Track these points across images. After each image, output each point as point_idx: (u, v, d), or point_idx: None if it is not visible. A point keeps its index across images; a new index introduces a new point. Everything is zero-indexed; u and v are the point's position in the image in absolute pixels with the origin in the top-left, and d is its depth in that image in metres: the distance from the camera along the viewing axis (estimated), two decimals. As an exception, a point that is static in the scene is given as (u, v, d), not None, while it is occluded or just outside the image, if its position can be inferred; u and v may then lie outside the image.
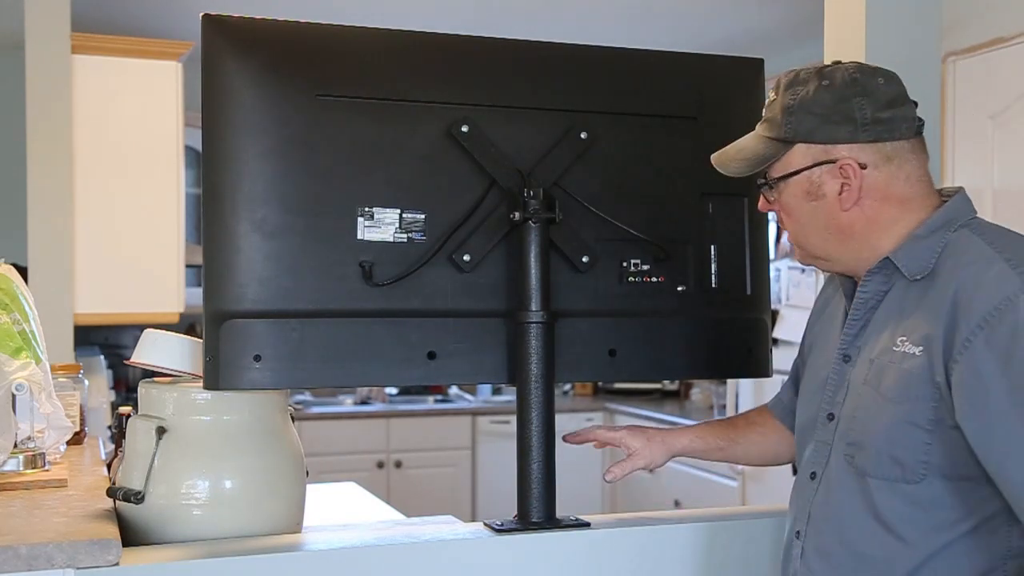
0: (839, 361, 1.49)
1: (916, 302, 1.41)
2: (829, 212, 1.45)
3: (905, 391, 1.37)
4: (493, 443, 5.68)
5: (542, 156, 1.72)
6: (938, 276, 1.39)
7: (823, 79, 1.44)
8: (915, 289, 1.41)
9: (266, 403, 1.66)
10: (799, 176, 1.46)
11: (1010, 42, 3.11)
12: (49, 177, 3.31)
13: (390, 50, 1.70)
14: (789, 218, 1.49)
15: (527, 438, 1.68)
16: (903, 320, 1.41)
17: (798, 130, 1.44)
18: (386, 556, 1.59)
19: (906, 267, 1.42)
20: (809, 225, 1.47)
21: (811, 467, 1.51)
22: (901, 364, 1.38)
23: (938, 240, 1.41)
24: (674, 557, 1.71)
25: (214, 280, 1.57)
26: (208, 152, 1.59)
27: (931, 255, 1.41)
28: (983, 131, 3.21)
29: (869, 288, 1.47)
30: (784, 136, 1.45)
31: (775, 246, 4.73)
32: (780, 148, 1.46)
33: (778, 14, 4.45)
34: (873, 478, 1.40)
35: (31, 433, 1.95)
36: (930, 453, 1.36)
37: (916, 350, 1.37)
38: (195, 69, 1.73)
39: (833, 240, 1.47)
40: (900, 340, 1.40)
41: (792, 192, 1.47)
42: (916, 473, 1.37)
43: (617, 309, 1.78)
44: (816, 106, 1.43)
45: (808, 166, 1.45)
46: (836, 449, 1.46)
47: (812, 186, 1.45)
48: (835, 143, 1.43)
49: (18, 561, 1.38)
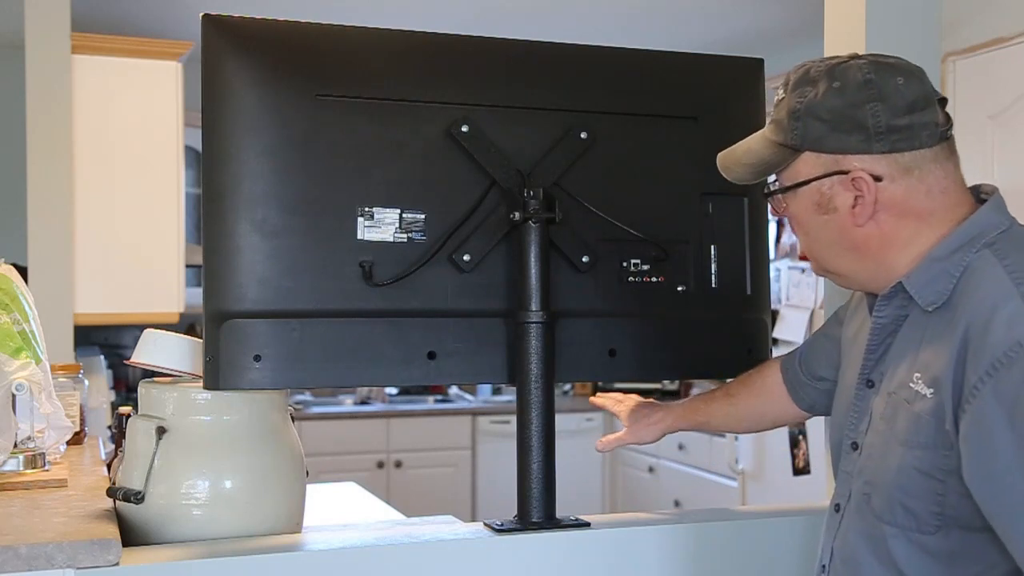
0: (862, 386, 1.37)
1: (934, 333, 1.26)
2: (841, 227, 1.31)
3: (916, 435, 1.24)
4: (493, 443, 5.68)
5: (542, 156, 1.72)
6: (955, 306, 1.24)
7: (834, 80, 1.28)
8: (934, 318, 1.27)
9: (266, 403, 1.66)
10: (808, 187, 1.31)
11: (1010, 42, 3.11)
12: (49, 177, 3.31)
13: (390, 50, 1.70)
14: (800, 230, 1.36)
15: (527, 438, 1.68)
16: (921, 352, 1.27)
17: (806, 137, 1.30)
18: (386, 556, 1.59)
19: (919, 295, 1.27)
20: (821, 239, 1.34)
21: (836, 498, 1.39)
22: (913, 405, 1.25)
23: (957, 263, 1.25)
24: (674, 557, 1.71)
25: (214, 280, 1.57)
26: (208, 152, 1.59)
27: (948, 280, 1.25)
28: (983, 131, 3.21)
29: (885, 314, 1.33)
30: (791, 143, 1.31)
31: (775, 246, 4.73)
32: (788, 155, 1.32)
33: (778, 14, 4.45)
34: (888, 525, 1.28)
35: (31, 433, 1.95)
36: (943, 504, 1.23)
37: (928, 392, 1.23)
38: (195, 69, 1.73)
39: (847, 256, 1.33)
40: (916, 377, 1.26)
41: (802, 203, 1.33)
42: (930, 524, 1.24)
43: (617, 309, 1.78)
44: (825, 111, 1.28)
45: (817, 176, 1.30)
46: (856, 483, 1.34)
47: (823, 198, 1.31)
48: (846, 153, 1.28)
49: (18, 561, 1.38)
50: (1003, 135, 3.17)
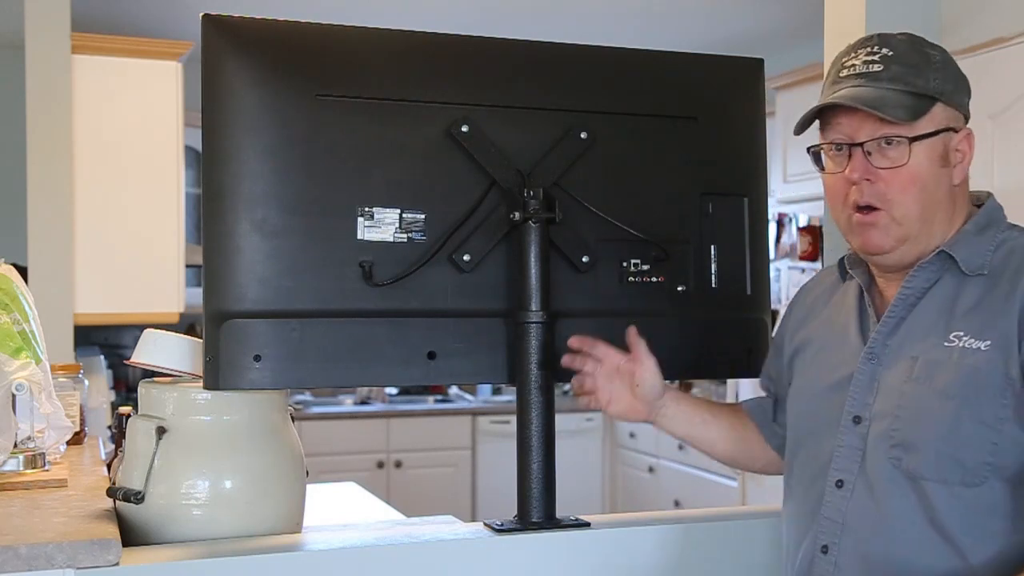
0: (865, 361, 1.41)
1: (975, 299, 1.34)
2: (948, 184, 1.37)
3: (969, 387, 1.30)
4: (493, 443, 5.68)
5: (542, 156, 1.72)
6: (1000, 273, 1.34)
7: (942, 50, 1.39)
8: (971, 286, 1.35)
9: (266, 403, 1.66)
10: (936, 138, 1.35)
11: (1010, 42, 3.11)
12: (49, 177, 3.31)
13: (390, 50, 1.70)
14: (912, 185, 1.35)
15: (527, 438, 1.68)
16: (956, 316, 1.34)
17: (944, 88, 1.36)
18: (386, 556, 1.59)
19: (965, 262, 1.36)
20: (931, 194, 1.36)
21: (837, 474, 1.40)
22: (963, 360, 1.31)
23: (991, 238, 1.38)
24: (674, 557, 1.71)
25: (214, 280, 1.57)
26: (208, 152, 1.59)
27: (986, 252, 1.36)
28: (983, 131, 3.20)
29: (915, 283, 1.39)
30: (932, 91, 1.35)
31: (775, 246, 4.73)
32: (927, 104, 1.35)
33: (778, 14, 4.45)
34: (930, 481, 1.31)
35: (31, 433, 1.95)
36: (995, 453, 1.29)
37: (982, 344, 1.30)
38: (195, 69, 1.73)
39: (932, 217, 1.37)
40: (955, 335, 1.33)
41: (927, 154, 1.35)
42: (978, 475, 1.30)
43: (617, 309, 1.78)
44: (953, 69, 1.38)
45: (944, 128, 1.36)
46: (875, 453, 1.37)
47: (945, 150, 1.36)
48: (959, 111, 1.38)
49: (18, 561, 1.38)
50: (1003, 135, 3.17)
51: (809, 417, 1.50)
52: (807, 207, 4.58)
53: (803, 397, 1.53)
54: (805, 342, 1.57)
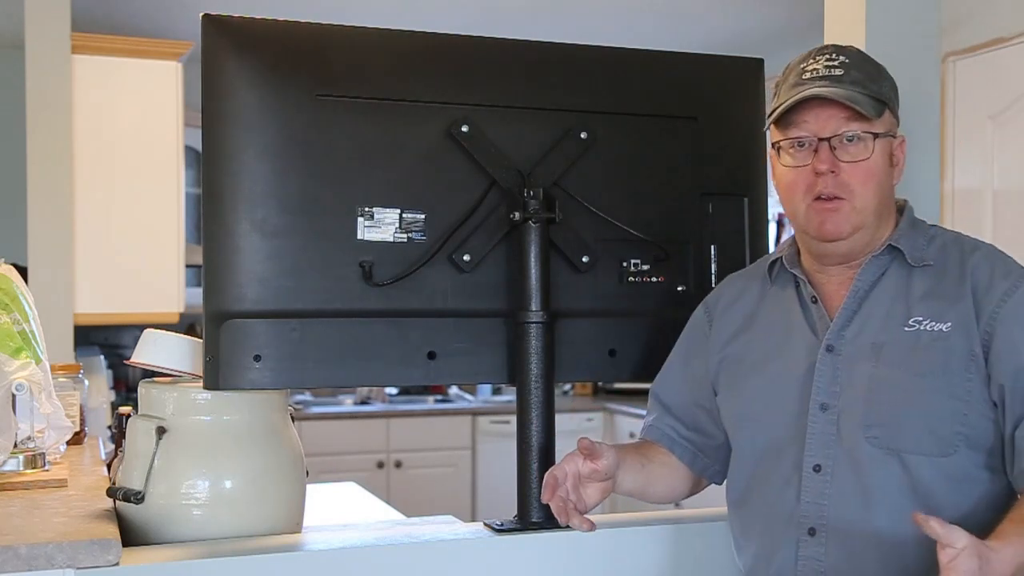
0: (825, 352, 1.49)
1: (927, 286, 1.47)
2: (891, 183, 1.51)
3: (938, 365, 1.42)
4: (493, 443, 5.68)
5: (542, 156, 1.72)
6: (946, 263, 1.48)
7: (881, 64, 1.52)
8: (921, 275, 1.48)
9: (266, 403, 1.66)
10: (886, 139, 1.49)
11: (1010, 42, 3.11)
12: (49, 177, 3.31)
13: (390, 50, 1.70)
14: (871, 179, 1.47)
15: (527, 438, 1.68)
16: (912, 304, 1.46)
17: (891, 96, 1.50)
18: (386, 556, 1.59)
19: (910, 254, 1.49)
20: (884, 189, 1.49)
21: (812, 460, 1.48)
22: (930, 341, 1.43)
23: (923, 233, 1.52)
24: (673, 557, 1.71)
25: (214, 280, 1.57)
26: (208, 152, 1.59)
27: (922, 245, 1.50)
28: (983, 131, 3.21)
29: (867, 276, 1.50)
30: (885, 96, 1.48)
31: (775, 246, 4.72)
32: (881, 108, 1.48)
33: (778, 14, 4.45)
34: (910, 454, 1.42)
35: (31, 433, 1.95)
36: (966, 423, 1.41)
37: (943, 327, 1.43)
38: (195, 69, 1.73)
39: (883, 210, 1.50)
40: (915, 320, 1.45)
41: (882, 153, 1.48)
42: (951, 445, 1.41)
43: (617, 309, 1.78)
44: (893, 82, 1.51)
45: (889, 132, 1.49)
46: (849, 436, 1.45)
47: (892, 151, 1.50)
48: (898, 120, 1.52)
49: (18, 561, 1.38)
50: (1003, 135, 3.17)
51: (769, 414, 1.53)
52: (807, 207, 4.56)
53: (756, 397, 1.56)
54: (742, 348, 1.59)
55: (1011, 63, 3.12)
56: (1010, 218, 3.14)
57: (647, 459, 1.66)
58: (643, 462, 1.65)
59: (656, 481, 1.67)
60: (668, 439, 1.69)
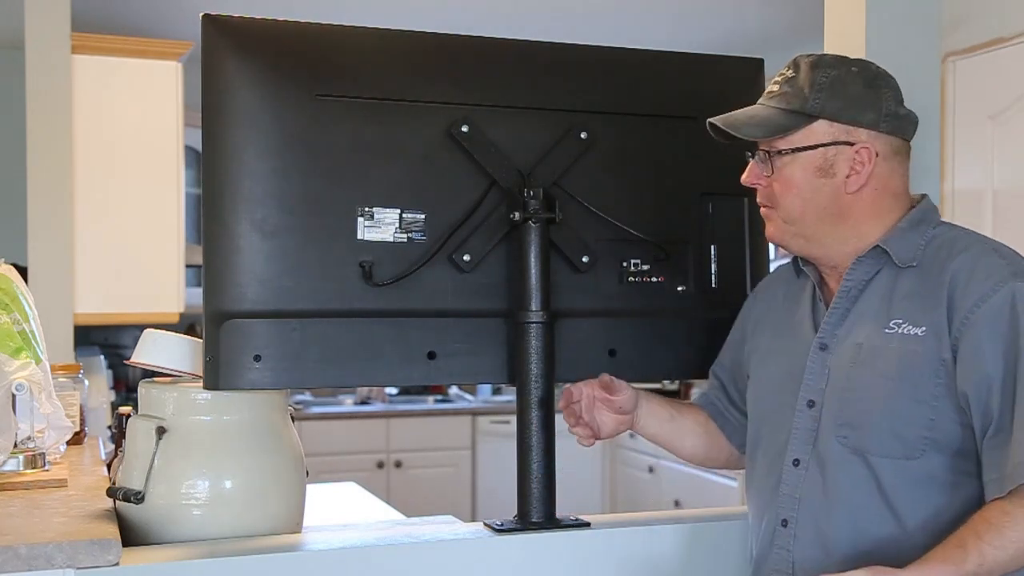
0: (816, 350, 1.52)
1: (909, 289, 1.47)
2: (834, 192, 1.49)
3: (907, 370, 1.42)
4: (493, 443, 5.68)
5: (542, 156, 1.72)
6: (931, 265, 1.46)
7: (853, 66, 1.50)
8: (906, 277, 1.48)
9: (266, 403, 1.66)
10: (815, 151, 1.48)
11: (1010, 42, 3.11)
12: (49, 177, 3.30)
13: (390, 50, 1.70)
14: (788, 192, 1.50)
15: (527, 438, 1.68)
16: (893, 305, 1.47)
17: (826, 107, 1.47)
18: (386, 556, 1.59)
19: (897, 255, 1.48)
20: (811, 201, 1.50)
21: (793, 454, 1.52)
22: (903, 345, 1.43)
23: (922, 233, 1.50)
24: (674, 557, 1.71)
25: (214, 280, 1.57)
26: (208, 152, 1.59)
27: (918, 245, 1.49)
28: (983, 131, 3.21)
29: (855, 276, 1.51)
30: (808, 110, 1.48)
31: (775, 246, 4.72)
32: (800, 121, 1.48)
33: (778, 14, 4.45)
34: (875, 456, 1.44)
35: (31, 433, 1.95)
36: (932, 428, 1.41)
37: (918, 331, 1.43)
38: (195, 69, 1.73)
39: (828, 221, 1.50)
40: (894, 323, 1.45)
41: (802, 166, 1.49)
42: (917, 448, 1.41)
43: (617, 309, 1.78)
44: (848, 88, 1.48)
45: (826, 143, 1.48)
46: (825, 433, 1.48)
47: (825, 163, 1.48)
48: (858, 127, 1.48)
49: (18, 561, 1.38)
50: (1003, 135, 3.17)
51: (770, 404, 1.60)
52: (807, 207, 4.57)
53: (764, 387, 1.62)
54: (763, 337, 1.66)
55: (1011, 63, 3.12)
56: (1010, 218, 3.14)
57: (679, 413, 1.74)
58: (673, 414, 1.73)
59: (685, 436, 1.74)
60: (711, 406, 1.76)
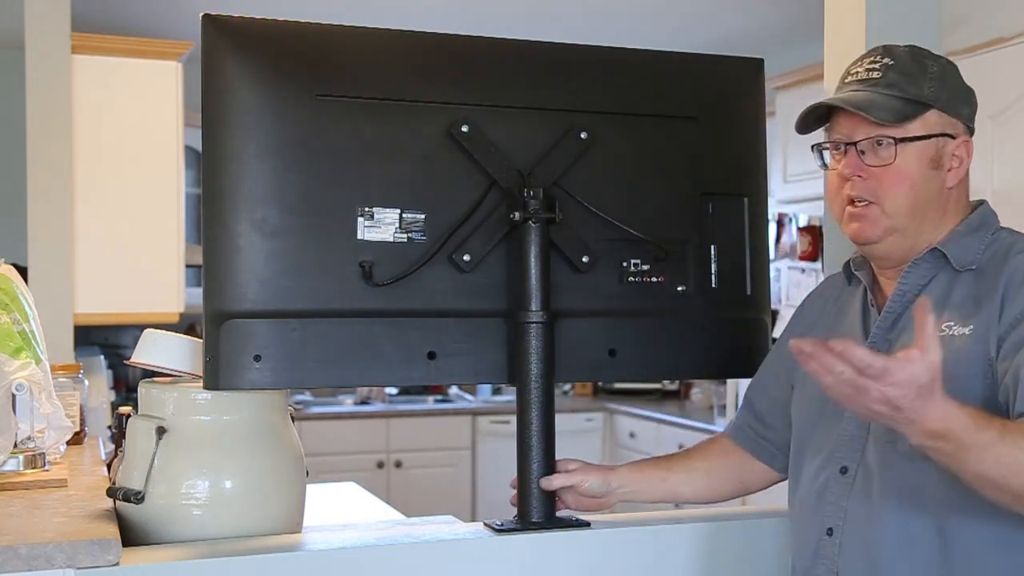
0: None
1: (964, 292, 1.45)
2: (940, 185, 1.48)
3: (955, 369, 1.37)
4: (493, 443, 5.68)
5: (542, 156, 1.72)
6: (988, 268, 1.45)
7: (948, 62, 1.51)
8: (962, 281, 1.46)
9: (266, 403, 1.66)
10: (928, 141, 1.47)
11: (1010, 42, 3.11)
12: (49, 177, 3.30)
13: (390, 50, 1.70)
14: (901, 183, 1.46)
15: (527, 438, 1.68)
16: (947, 309, 1.44)
17: (939, 96, 1.47)
18: (386, 556, 1.59)
19: (956, 258, 1.47)
20: (921, 194, 1.47)
21: (839, 462, 1.50)
22: (951, 345, 1.40)
23: (981, 238, 1.49)
24: (674, 557, 1.71)
25: (214, 280, 1.57)
26: (208, 152, 1.59)
27: (978, 250, 1.47)
28: (983, 131, 3.19)
29: (910, 280, 1.49)
30: (926, 98, 1.46)
31: (775, 246, 4.73)
32: (919, 109, 1.47)
33: (778, 14, 4.45)
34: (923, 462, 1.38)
35: (31, 433, 1.95)
36: None
37: (966, 330, 1.41)
38: (195, 69, 1.73)
39: (927, 215, 1.48)
40: (946, 325, 1.42)
41: (917, 155, 1.47)
42: None
43: (617, 309, 1.78)
44: (953, 80, 1.49)
45: (937, 134, 1.47)
46: (876, 439, 1.46)
47: (936, 153, 1.47)
48: (959, 120, 1.49)
49: (18, 561, 1.38)
50: (1003, 135, 3.17)
51: (817, 412, 1.57)
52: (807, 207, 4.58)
53: (812, 394, 1.58)
54: None
55: (1011, 63, 3.12)
56: (1010, 218, 3.13)
57: (670, 470, 1.77)
58: (664, 475, 1.76)
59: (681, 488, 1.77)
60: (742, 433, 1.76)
